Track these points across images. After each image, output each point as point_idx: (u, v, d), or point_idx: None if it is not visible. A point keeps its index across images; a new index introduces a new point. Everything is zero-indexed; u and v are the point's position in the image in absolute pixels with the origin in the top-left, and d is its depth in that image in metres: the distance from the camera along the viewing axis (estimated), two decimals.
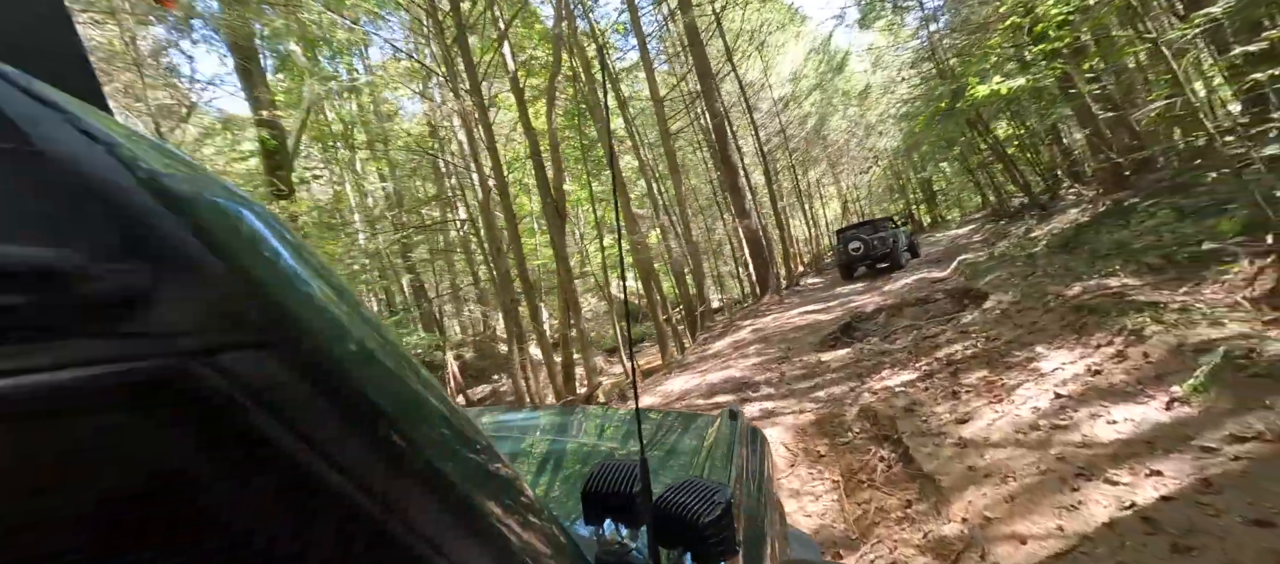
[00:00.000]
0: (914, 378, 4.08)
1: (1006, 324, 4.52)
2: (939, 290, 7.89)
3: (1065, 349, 3.42)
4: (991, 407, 3.05)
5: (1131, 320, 3.20)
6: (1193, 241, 4.41)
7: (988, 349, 4.04)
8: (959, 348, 4.38)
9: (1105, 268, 4.93)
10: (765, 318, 10.80)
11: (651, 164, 14.43)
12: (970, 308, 6.40)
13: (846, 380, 4.67)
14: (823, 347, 6.65)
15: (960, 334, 4.86)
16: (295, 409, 0.24)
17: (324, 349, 0.26)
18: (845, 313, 8.60)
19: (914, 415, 3.41)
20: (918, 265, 12.12)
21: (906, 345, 5.19)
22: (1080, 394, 2.74)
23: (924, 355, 4.59)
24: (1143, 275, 4.36)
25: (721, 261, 20.91)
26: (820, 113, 18.78)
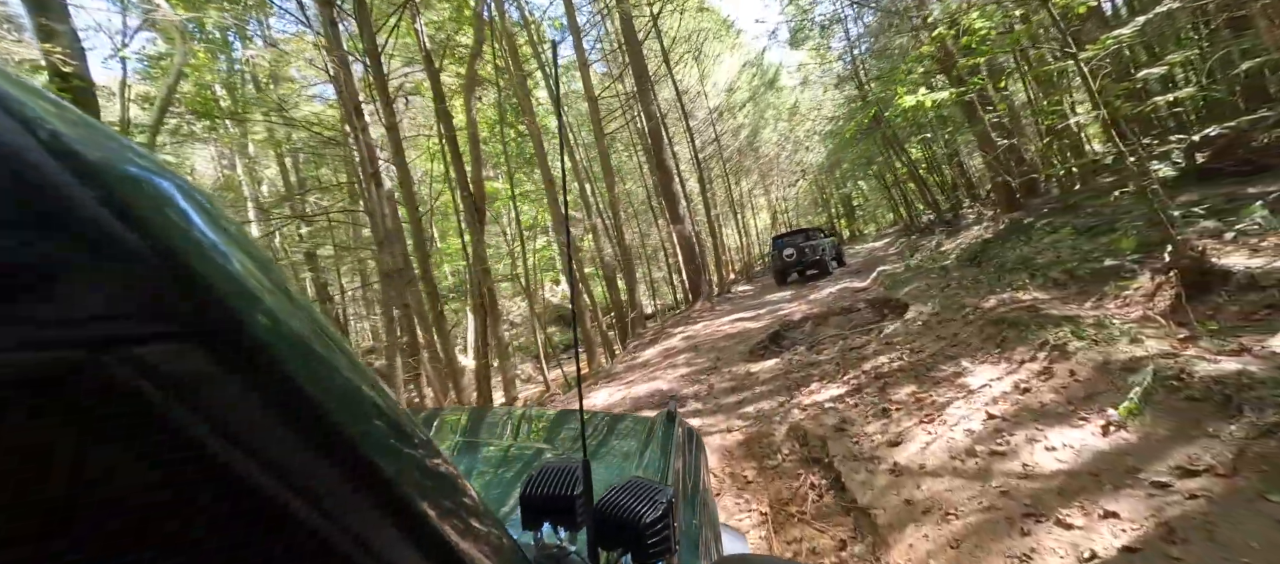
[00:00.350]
0: (843, 392, 3.88)
1: (929, 336, 4.48)
2: (861, 300, 8.01)
3: (989, 364, 3.32)
4: (923, 427, 2.83)
5: (1052, 335, 3.14)
6: (1090, 258, 4.59)
7: (914, 362, 3.92)
8: (885, 360, 4.26)
9: (1014, 281, 5.06)
10: (697, 324, 10.61)
11: (586, 166, 13.90)
12: (892, 318, 6.47)
13: (775, 395, 4.40)
14: (752, 356, 6.44)
15: (885, 345, 4.78)
16: (223, 406, 0.22)
17: (256, 339, 0.23)
18: (774, 320, 8.54)
19: (845, 435, 3.16)
20: (840, 275, 12.52)
21: (834, 357, 5.05)
22: (1013, 415, 2.57)
23: (852, 368, 4.44)
24: (1049, 289, 4.47)
25: (655, 267, 20.75)
26: (753, 125, 19.19)
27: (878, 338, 5.26)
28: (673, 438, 1.20)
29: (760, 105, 19.64)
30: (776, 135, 21.97)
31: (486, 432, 1.43)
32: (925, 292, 6.25)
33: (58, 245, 0.17)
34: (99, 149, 0.20)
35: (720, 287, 14.69)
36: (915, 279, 7.37)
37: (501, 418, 1.62)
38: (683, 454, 1.18)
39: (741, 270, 20.11)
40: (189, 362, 0.21)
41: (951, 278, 6.59)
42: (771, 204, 24.81)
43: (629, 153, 17.51)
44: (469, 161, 7.47)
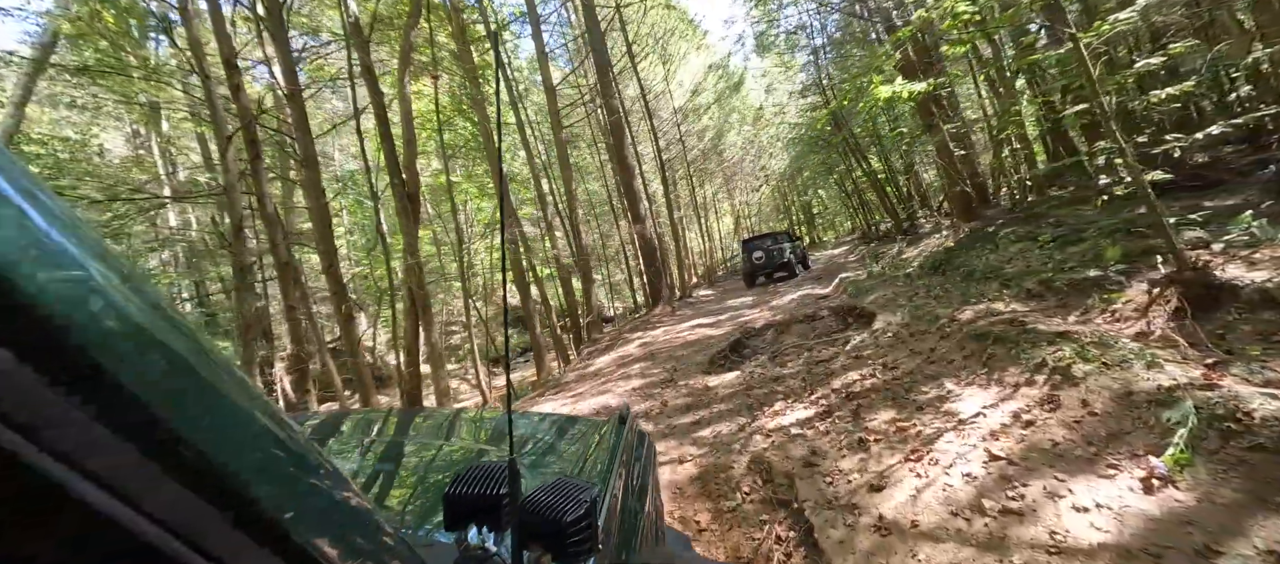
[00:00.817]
0: (811, 415, 3.36)
1: (902, 349, 4.04)
2: (825, 308, 7.65)
3: (978, 387, 2.87)
4: (911, 466, 2.32)
5: (1047, 355, 2.70)
6: (1065, 268, 4.28)
7: (889, 381, 3.45)
8: (857, 377, 3.78)
9: (986, 292, 4.73)
10: (655, 330, 10.05)
11: (544, 161, 13.10)
12: (858, 327, 6.09)
13: (735, 414, 3.85)
14: (711, 368, 5.90)
15: (855, 359, 4.32)
16: (42, 420, 0.20)
17: (85, 344, 0.21)
18: (735, 328, 8.07)
19: (816, 472, 2.62)
20: (803, 281, 12.27)
21: (799, 371, 4.56)
22: (1020, 455, 2.08)
23: (820, 384, 3.95)
24: (1025, 301, 4.12)
25: (617, 269, 20.11)
26: (718, 127, 18.90)
27: (845, 350, 4.82)
28: (622, 441, 1.18)
29: (725, 108, 19.39)
30: (741, 138, 21.82)
31: (425, 433, 1.39)
32: (892, 300, 5.89)
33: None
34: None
35: (682, 290, 14.21)
36: (879, 287, 7.06)
37: (442, 419, 1.54)
38: (630, 458, 1.16)
39: (704, 274, 19.76)
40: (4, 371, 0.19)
41: (917, 286, 6.28)
42: (735, 209, 24.68)
43: (591, 152, 16.81)
44: (402, 145, 6.59)
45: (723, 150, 19.91)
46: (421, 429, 1.44)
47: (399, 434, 1.39)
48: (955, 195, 10.83)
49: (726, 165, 20.63)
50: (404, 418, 1.63)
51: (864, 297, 6.92)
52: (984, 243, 6.54)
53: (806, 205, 29.15)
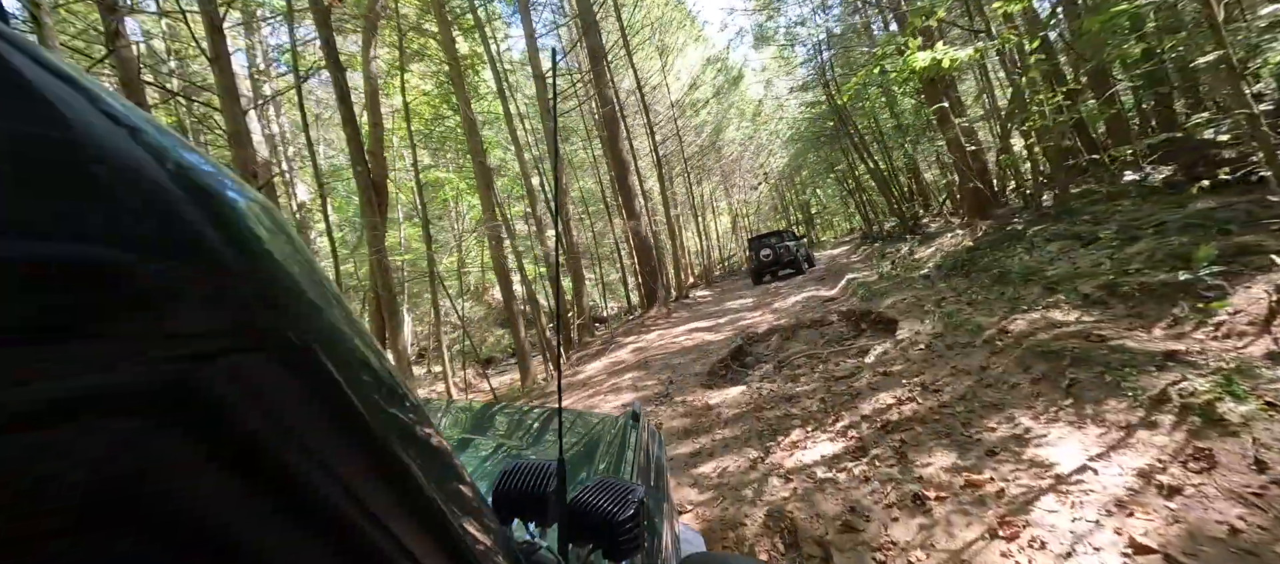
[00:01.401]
0: (839, 451, 2.68)
1: (941, 366, 3.36)
2: (833, 312, 6.97)
3: (1067, 425, 2.19)
4: (1003, 549, 1.63)
5: (1169, 387, 2.02)
6: (1130, 270, 3.62)
7: (936, 409, 2.76)
8: (889, 400, 3.10)
9: (1030, 296, 4.06)
10: (650, 334, 9.36)
11: (536, 154, 12.36)
12: (876, 335, 5.41)
13: (744, 445, 3.16)
14: (712, 380, 5.22)
15: (882, 375, 3.64)
16: (298, 417, 0.24)
17: (325, 355, 0.25)
18: (735, 332, 7.40)
19: (860, 542, 1.93)
20: (805, 283, 11.61)
21: (816, 388, 3.87)
22: (1183, 549, 1.39)
23: (844, 406, 3.27)
24: (1086, 309, 3.44)
25: (612, 269, 19.41)
26: (716, 123, 18.22)
27: (868, 363, 4.14)
28: (638, 437, 1.21)
29: (724, 103, 18.72)
30: (740, 134, 21.14)
31: (457, 425, 1.41)
32: (915, 305, 5.22)
33: (185, 266, 0.19)
34: (210, 176, 0.22)
35: (678, 291, 13.52)
36: (895, 289, 6.39)
37: (473, 412, 1.57)
38: (647, 454, 1.18)
39: (701, 275, 19.08)
40: (273, 373, 0.22)
41: (939, 289, 5.61)
42: (732, 208, 24.02)
43: (585, 148, 16.08)
44: (366, 128, 5.87)
45: (721, 147, 19.22)
46: (453, 421, 1.44)
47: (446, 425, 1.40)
48: (968, 192, 10.19)
49: (724, 163, 19.96)
50: (440, 409, 1.60)
51: (879, 300, 6.24)
52: (1011, 241, 5.88)
53: (805, 205, 28.54)
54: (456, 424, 1.45)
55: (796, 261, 12.71)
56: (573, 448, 1.21)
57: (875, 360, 4.16)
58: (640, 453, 1.14)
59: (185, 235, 0.19)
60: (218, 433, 0.20)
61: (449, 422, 1.48)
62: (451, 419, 1.51)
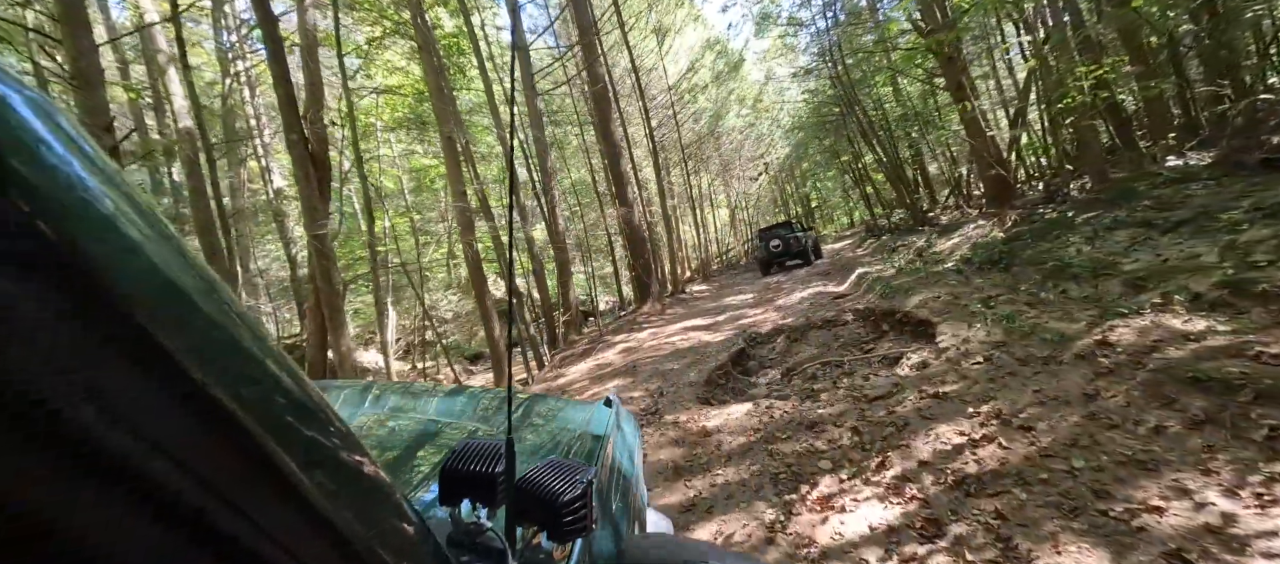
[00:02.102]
0: (896, 520, 1.80)
1: (1018, 389, 2.49)
2: (847, 310, 6.10)
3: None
4: None
5: None
6: (1258, 265, 2.74)
7: (1035, 459, 1.89)
8: (953, 435, 2.23)
9: (1110, 295, 3.18)
10: (641, 332, 8.49)
11: (522, 138, 11.39)
12: (904, 339, 4.54)
13: (753, 496, 2.28)
14: (709, 392, 4.34)
15: (933, 397, 2.76)
16: (65, 350, 0.19)
17: (112, 277, 0.21)
18: (736, 332, 6.52)
19: None
20: (809, 277, 10.73)
21: (843, 410, 2.99)
22: None
23: (887, 443, 2.40)
24: (1206, 313, 2.55)
25: (605, 261, 18.48)
26: (715, 109, 17.26)
27: (907, 377, 3.27)
28: (608, 423, 1.19)
29: (723, 90, 17.75)
30: (740, 121, 20.17)
31: (418, 407, 1.34)
32: (953, 304, 4.34)
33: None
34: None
35: (674, 286, 12.63)
36: (920, 285, 5.51)
37: (436, 393, 1.49)
38: (617, 440, 1.16)
39: (697, 269, 18.19)
40: (23, 294, 0.18)
41: (977, 286, 4.74)
42: (731, 201, 23.09)
43: (577, 133, 15.09)
44: (304, 94, 4.94)
45: (720, 135, 18.26)
46: (414, 403, 1.37)
47: (390, 407, 1.33)
48: (989, 179, 9.31)
49: (723, 152, 19.01)
50: (395, 391, 1.51)
51: (903, 297, 5.37)
52: (1057, 230, 5.01)
53: (805, 197, 27.65)
54: (415, 407, 1.35)
55: (804, 253, 12.65)
56: (538, 432, 1.18)
57: (915, 374, 3.29)
58: (611, 439, 1.11)
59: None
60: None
61: (407, 403, 1.37)
62: (411, 401, 1.40)
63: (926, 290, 5.19)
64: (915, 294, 5.23)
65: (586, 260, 16.74)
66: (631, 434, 1.33)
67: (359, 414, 1.27)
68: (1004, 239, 5.64)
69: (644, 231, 10.79)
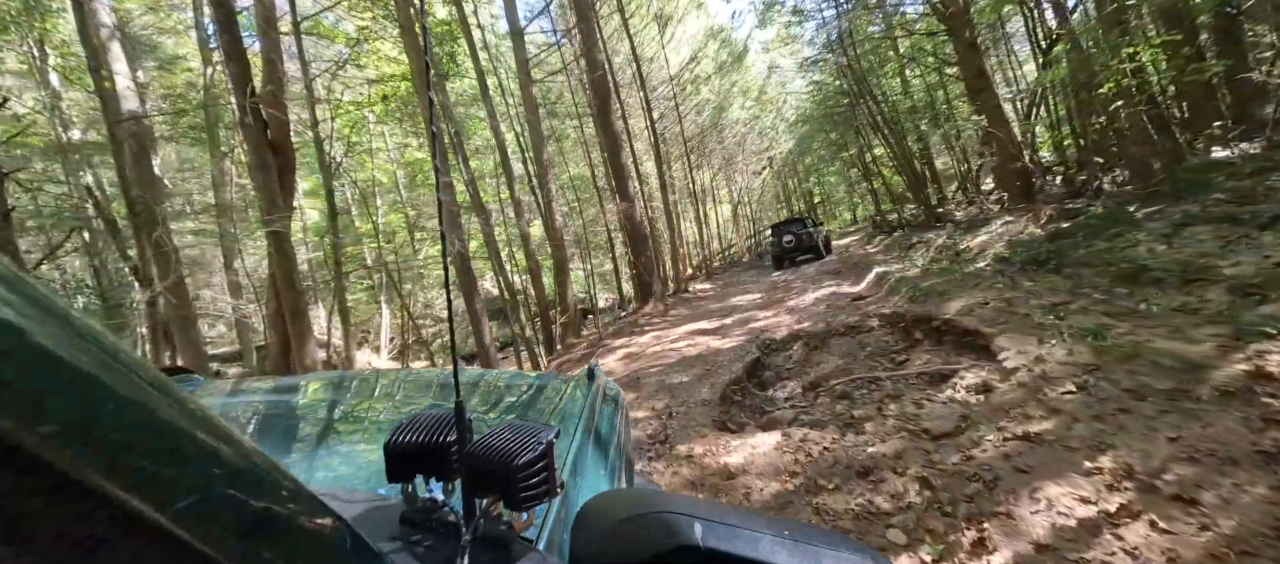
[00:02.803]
0: None
1: (1150, 437, 1.89)
2: (870, 313, 5.51)
3: None
4: None
5: None
6: None
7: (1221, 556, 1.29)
8: (1073, 503, 1.64)
9: (1244, 308, 2.59)
10: (644, 336, 7.91)
11: (518, 128, 10.75)
12: (945, 350, 3.95)
13: None
14: (726, 413, 3.75)
15: (1020, 438, 2.17)
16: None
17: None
18: (748, 338, 5.94)
19: None
20: (820, 275, 10.15)
21: (900, 448, 2.40)
22: None
23: (977, 509, 1.81)
24: None
25: (606, 258, 17.86)
26: (718, 101, 16.60)
27: (966, 402, 2.69)
28: (590, 395, 1.15)
29: (727, 81, 17.08)
30: (745, 113, 19.51)
31: (382, 393, 1.27)
32: (1005, 312, 3.75)
33: None
34: None
35: (677, 285, 12.03)
36: (957, 289, 4.93)
37: (403, 380, 1.43)
38: (599, 410, 1.12)
39: (699, 266, 17.59)
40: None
41: (1030, 289, 4.15)
42: (733, 196, 22.46)
43: (575, 125, 14.44)
44: (260, 65, 4.33)
45: (722, 128, 17.61)
46: (378, 390, 1.30)
47: (350, 396, 1.26)
48: (1009, 173, 8.71)
49: (726, 145, 18.36)
50: (359, 380, 1.42)
51: (938, 302, 4.78)
52: (1120, 227, 4.41)
53: (808, 193, 27.03)
54: (371, 391, 1.28)
55: (816, 247, 12.88)
56: (515, 407, 1.15)
57: (980, 401, 2.70)
58: (591, 409, 1.07)
59: None
60: None
61: (360, 391, 1.29)
62: (360, 388, 1.31)
63: (966, 294, 4.60)
64: (953, 298, 4.64)
65: (585, 257, 16.14)
66: (618, 402, 1.29)
67: (308, 406, 1.17)
68: (1047, 237, 5.04)
69: (645, 228, 10.19)
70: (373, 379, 1.43)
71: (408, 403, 1.17)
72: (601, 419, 1.09)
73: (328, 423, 1.07)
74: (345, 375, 1.51)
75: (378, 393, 1.28)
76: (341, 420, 1.09)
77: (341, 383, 1.38)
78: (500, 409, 1.13)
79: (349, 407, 1.18)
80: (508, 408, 1.15)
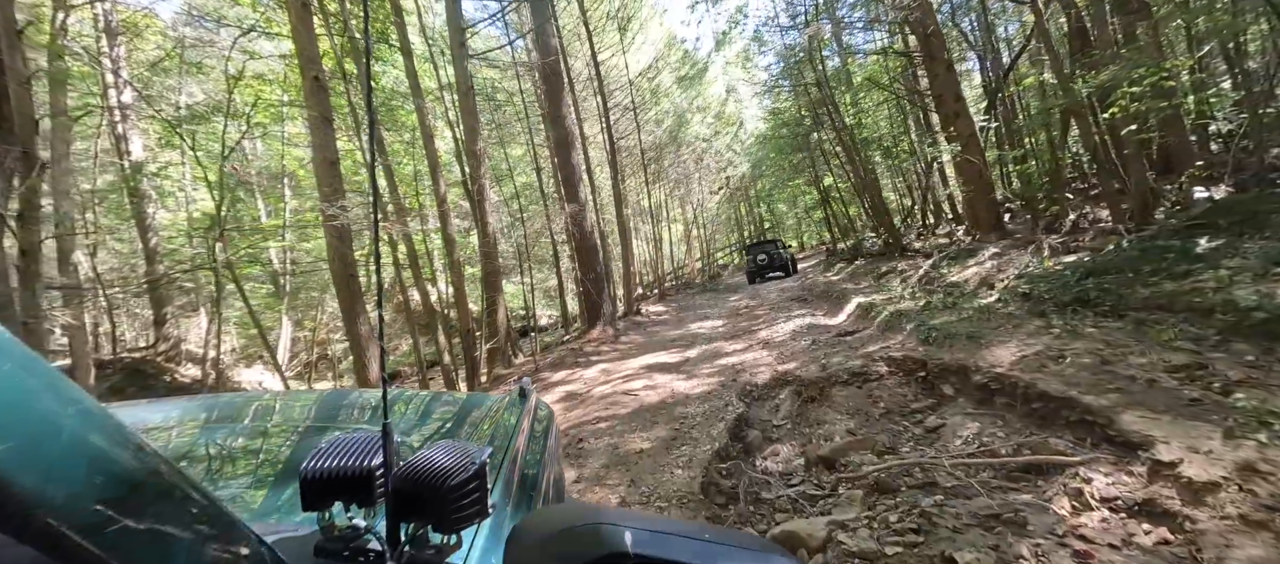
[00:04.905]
0: None
1: None
2: (876, 357, 4.43)
3: None
4: None
5: None
6: None
7: None
8: None
9: None
10: (590, 369, 6.46)
11: (451, 113, 9.06)
12: (991, 414, 2.85)
13: None
14: (713, 512, 2.41)
15: None
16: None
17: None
18: (721, 380, 4.69)
19: None
20: (788, 302, 9.20)
21: None
22: None
23: None
24: None
25: (551, 273, 16.20)
26: (678, 114, 15.72)
27: (1121, 539, 1.54)
28: (521, 413, 1.13)
29: (688, 93, 16.29)
30: (705, 129, 18.77)
31: (300, 415, 1.22)
32: (1101, 372, 2.70)
33: None
34: None
35: (628, 305, 10.68)
36: (984, 330, 3.93)
37: (325, 401, 1.40)
38: (530, 428, 1.11)
39: (651, 285, 16.38)
40: None
41: (1086, 335, 3.18)
42: (686, 218, 21.64)
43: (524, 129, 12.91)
44: None
45: (681, 144, 16.73)
46: (297, 412, 1.25)
47: (264, 419, 1.18)
48: (986, 204, 8.22)
49: (683, 163, 17.49)
50: (277, 402, 1.33)
51: (969, 348, 3.73)
52: (1177, 261, 3.60)
53: (759, 219, 26.87)
54: (290, 413, 1.22)
55: (784, 266, 14.25)
56: (443, 428, 1.10)
57: (1151, 534, 1.57)
58: (522, 427, 1.05)
59: None
60: None
61: (273, 413, 1.21)
62: (278, 411, 1.23)
63: (1008, 338, 3.60)
64: (990, 343, 3.62)
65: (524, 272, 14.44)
66: (548, 421, 1.26)
67: (218, 430, 1.07)
68: (1078, 272, 4.20)
69: (596, 239, 8.81)
70: (273, 402, 1.29)
71: (320, 428, 1.08)
72: (532, 438, 1.08)
73: (222, 453, 0.96)
74: (240, 399, 1.38)
75: (280, 417, 1.17)
76: (242, 450, 0.99)
77: (238, 408, 1.25)
78: (426, 431, 1.06)
79: (249, 433, 1.07)
80: (435, 430, 1.08)
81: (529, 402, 1.22)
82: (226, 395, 1.58)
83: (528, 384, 1.30)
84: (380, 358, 0.54)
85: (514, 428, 1.02)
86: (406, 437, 1.01)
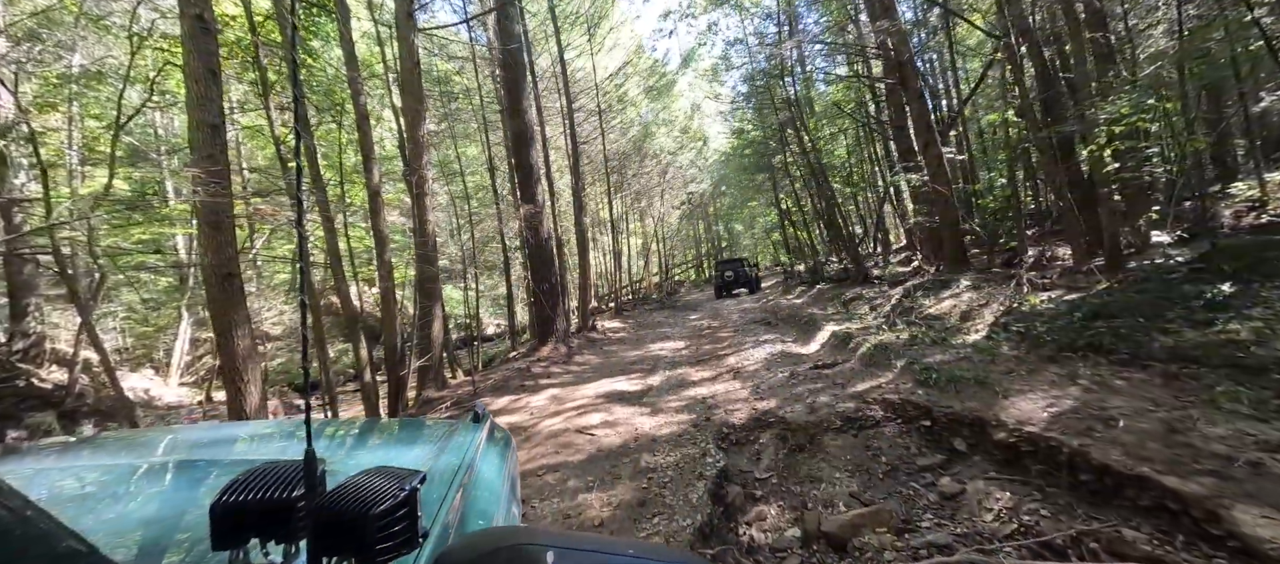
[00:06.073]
0: None
1: None
2: (868, 398, 3.90)
3: None
4: None
5: None
6: None
7: None
8: None
9: None
10: (539, 396, 5.58)
11: (388, 87, 7.95)
12: (1021, 483, 2.31)
13: None
14: None
15: None
16: None
17: None
18: (691, 416, 4.00)
19: None
20: (755, 326, 8.69)
21: None
22: None
23: None
24: None
25: (500, 281, 15.03)
26: (644, 124, 15.21)
27: None
28: (476, 438, 1.07)
29: (656, 105, 15.84)
30: (672, 141, 18.36)
31: (223, 448, 1.10)
32: (1174, 444, 2.22)
33: None
34: None
35: (582, 320, 9.83)
36: (994, 375, 3.48)
37: (256, 431, 1.26)
38: (484, 452, 1.05)
39: (606, 298, 15.58)
40: None
41: (1115, 387, 2.76)
42: (646, 232, 21.09)
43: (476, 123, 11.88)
44: None
45: (645, 156, 16.20)
46: (221, 446, 1.12)
47: (183, 453, 1.07)
48: (952, 236, 8.13)
49: (646, 175, 16.97)
50: (192, 435, 1.21)
51: (980, 395, 3.26)
52: (1204, 309, 3.30)
53: (717, 238, 26.83)
54: (211, 447, 1.09)
55: (750, 282, 15.08)
56: (389, 455, 1.04)
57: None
58: (475, 454, 0.98)
59: None
60: None
61: (202, 446, 1.10)
62: (198, 444, 1.11)
63: (1023, 388, 3.14)
64: (1003, 392, 3.15)
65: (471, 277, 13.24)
66: (505, 445, 1.19)
67: (125, 469, 0.93)
68: (1085, 313, 3.88)
69: (552, 246, 7.97)
70: (186, 436, 1.16)
71: (238, 461, 0.96)
72: (486, 463, 1.02)
73: (120, 493, 0.85)
74: (154, 435, 1.24)
75: (192, 451, 1.05)
76: (143, 490, 0.88)
77: (149, 444, 1.11)
78: (362, 459, 0.96)
79: (155, 471, 0.95)
80: (375, 459, 0.97)
81: (484, 426, 1.16)
82: (129, 432, 1.34)
83: (482, 407, 1.23)
84: (304, 373, 0.49)
85: (467, 454, 0.95)
86: (339, 466, 0.89)
